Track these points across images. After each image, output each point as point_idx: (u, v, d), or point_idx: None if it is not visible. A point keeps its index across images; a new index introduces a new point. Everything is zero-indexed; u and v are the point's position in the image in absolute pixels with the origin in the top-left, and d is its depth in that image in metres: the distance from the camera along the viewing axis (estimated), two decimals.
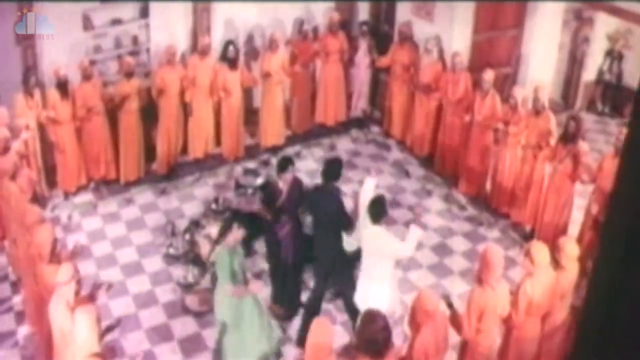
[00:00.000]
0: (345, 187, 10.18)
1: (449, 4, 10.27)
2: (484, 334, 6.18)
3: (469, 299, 6.20)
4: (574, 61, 12.32)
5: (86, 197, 9.73)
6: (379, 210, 6.76)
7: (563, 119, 9.08)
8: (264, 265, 8.62)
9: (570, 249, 6.50)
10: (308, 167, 10.56)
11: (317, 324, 5.60)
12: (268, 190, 7.72)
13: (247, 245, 8.71)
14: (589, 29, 12.04)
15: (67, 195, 9.60)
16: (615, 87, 12.40)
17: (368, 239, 6.82)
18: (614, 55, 12.21)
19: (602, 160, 8.40)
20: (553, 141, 8.66)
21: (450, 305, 6.33)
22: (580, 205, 8.76)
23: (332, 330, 5.61)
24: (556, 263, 6.47)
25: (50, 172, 9.47)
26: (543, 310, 6.41)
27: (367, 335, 5.40)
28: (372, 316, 5.51)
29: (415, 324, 5.87)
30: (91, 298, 6.05)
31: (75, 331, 5.61)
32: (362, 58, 11.35)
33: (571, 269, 6.49)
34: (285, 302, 7.91)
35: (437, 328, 5.93)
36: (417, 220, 6.84)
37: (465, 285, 8.26)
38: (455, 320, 6.20)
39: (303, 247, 7.74)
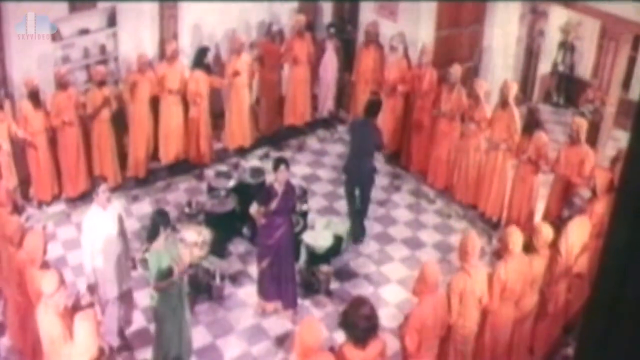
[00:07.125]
0: (314, 186, 10.40)
1: (413, 3, 10.49)
2: (465, 318, 6.37)
3: (449, 284, 6.39)
4: (531, 54, 12.60)
5: (59, 207, 9.68)
6: None
7: (522, 111, 9.41)
8: (239, 266, 8.78)
9: (546, 233, 6.70)
10: None
11: (305, 323, 5.70)
12: (263, 192, 7.81)
13: (221, 247, 8.88)
14: (543, 21, 12.33)
15: (40, 205, 9.55)
16: (568, 78, 12.73)
17: None
18: (567, 47, 12.50)
19: (560, 150, 8.70)
20: (517, 135, 8.91)
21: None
22: (545, 195, 9.06)
23: (320, 328, 5.67)
24: (531, 248, 6.67)
25: (23, 183, 9.40)
26: (516, 296, 6.60)
27: (349, 319, 5.46)
28: (360, 302, 5.60)
29: (416, 294, 6.11)
30: (75, 308, 6.13)
31: (75, 336, 5.72)
32: (330, 59, 11.47)
33: (544, 254, 6.72)
34: (288, 300, 8.05)
35: (437, 302, 6.14)
36: None
37: None
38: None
39: (295, 247, 8.12)
